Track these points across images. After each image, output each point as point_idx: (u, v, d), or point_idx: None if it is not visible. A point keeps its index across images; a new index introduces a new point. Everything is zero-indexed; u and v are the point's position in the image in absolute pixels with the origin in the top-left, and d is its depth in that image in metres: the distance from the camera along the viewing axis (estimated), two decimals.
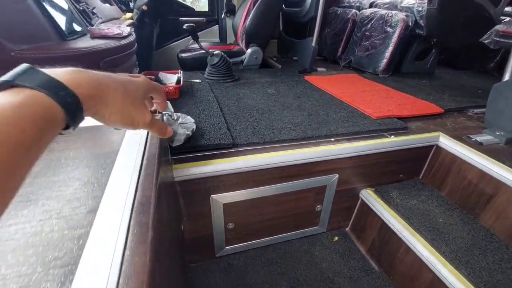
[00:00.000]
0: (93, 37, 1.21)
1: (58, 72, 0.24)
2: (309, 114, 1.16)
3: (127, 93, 0.29)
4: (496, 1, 1.58)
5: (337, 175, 1.00)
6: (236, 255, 1.06)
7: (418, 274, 0.89)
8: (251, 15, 1.84)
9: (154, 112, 0.36)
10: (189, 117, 0.98)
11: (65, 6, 1.27)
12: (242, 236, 1.04)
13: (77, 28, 1.27)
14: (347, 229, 1.21)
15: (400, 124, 1.09)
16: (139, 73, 1.44)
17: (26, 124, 0.20)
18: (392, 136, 1.03)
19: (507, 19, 1.89)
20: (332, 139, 0.99)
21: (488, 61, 2.06)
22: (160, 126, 0.35)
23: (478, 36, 1.56)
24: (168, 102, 1.01)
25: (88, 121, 0.28)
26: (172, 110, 1.00)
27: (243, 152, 0.89)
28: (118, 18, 2.00)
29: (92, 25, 1.43)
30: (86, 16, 1.44)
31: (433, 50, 1.95)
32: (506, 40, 1.26)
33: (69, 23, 1.22)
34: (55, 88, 0.23)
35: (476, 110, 1.31)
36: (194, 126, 0.94)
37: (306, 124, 1.07)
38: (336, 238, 1.16)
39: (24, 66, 0.23)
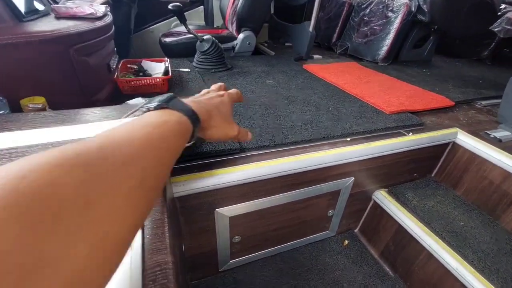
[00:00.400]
0: (59, 17, 0.99)
1: (186, 101, 0.35)
2: (317, 109, 1.05)
3: (222, 116, 0.38)
4: None
5: (352, 178, 0.91)
6: (241, 268, 0.96)
7: (440, 282, 0.84)
8: None
9: None
10: None
11: None
12: (248, 248, 0.93)
13: (39, 6, 1.04)
14: (356, 230, 1.15)
15: (416, 120, 1.01)
16: (118, 61, 1.24)
17: (178, 136, 0.29)
18: (410, 134, 0.94)
19: (503, 6, 1.85)
20: (348, 139, 0.89)
21: (482, 49, 2.03)
22: (244, 133, 0.43)
23: (480, 26, 1.50)
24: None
25: None
26: None
27: (251, 158, 0.76)
28: None
29: (57, 3, 1.19)
30: None
31: (431, 38, 1.88)
32: None
33: (29, 1, 0.99)
34: (191, 114, 0.33)
35: (484, 102, 1.26)
36: None
37: (317, 121, 0.95)
38: (346, 241, 1.08)
39: (170, 94, 0.33)
